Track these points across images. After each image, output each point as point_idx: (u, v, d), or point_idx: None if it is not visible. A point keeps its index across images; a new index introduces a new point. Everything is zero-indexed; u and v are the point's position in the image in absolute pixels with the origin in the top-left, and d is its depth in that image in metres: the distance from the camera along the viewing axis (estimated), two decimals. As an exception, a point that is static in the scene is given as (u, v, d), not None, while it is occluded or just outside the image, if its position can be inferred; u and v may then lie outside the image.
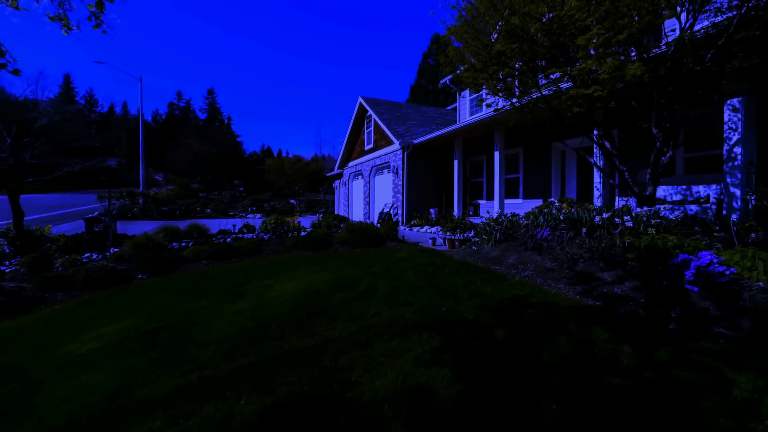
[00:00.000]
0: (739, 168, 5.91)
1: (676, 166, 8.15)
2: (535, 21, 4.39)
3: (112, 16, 2.23)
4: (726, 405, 2.13)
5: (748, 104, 5.94)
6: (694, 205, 7.30)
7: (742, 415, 2.03)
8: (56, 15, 2.58)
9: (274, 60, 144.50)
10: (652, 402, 2.24)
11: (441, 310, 3.96)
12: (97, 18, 2.38)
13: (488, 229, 6.67)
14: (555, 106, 5.21)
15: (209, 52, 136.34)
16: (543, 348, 2.97)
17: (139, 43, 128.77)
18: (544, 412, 2.24)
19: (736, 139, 5.89)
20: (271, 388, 2.77)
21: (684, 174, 8.12)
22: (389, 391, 2.57)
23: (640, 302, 3.68)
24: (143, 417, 2.59)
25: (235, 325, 4.13)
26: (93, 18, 2.38)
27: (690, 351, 2.74)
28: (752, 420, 1.99)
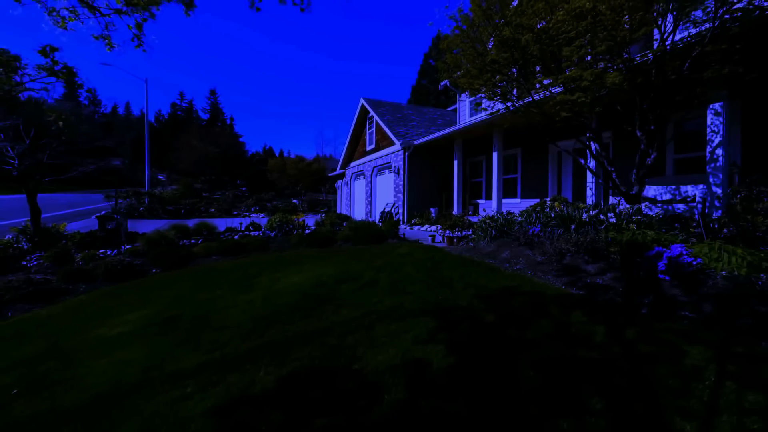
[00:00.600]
0: (720, 169, 6.26)
1: (666, 166, 8.49)
2: (527, 31, 4.76)
3: (151, 37, 2.60)
4: (677, 371, 2.50)
5: (730, 108, 6.30)
6: (681, 204, 7.64)
7: (688, 378, 2.40)
8: (101, 35, 2.97)
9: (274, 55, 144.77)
10: (615, 369, 2.61)
11: (437, 298, 4.33)
12: (139, 39, 2.76)
13: (484, 226, 7.04)
14: (546, 110, 5.59)
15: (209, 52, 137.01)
16: (527, 328, 3.34)
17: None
18: (523, 377, 2.61)
19: (718, 141, 6.23)
20: (286, 362, 3.15)
21: (674, 174, 8.46)
22: (390, 364, 2.95)
23: (618, 291, 4.05)
24: (176, 385, 2.97)
25: (249, 312, 4.51)
26: (135, 39, 2.76)
27: (655, 330, 3.11)
28: (696, 381, 2.36)
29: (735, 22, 4.08)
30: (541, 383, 2.53)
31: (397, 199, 15.73)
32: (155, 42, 17.68)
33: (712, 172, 6.39)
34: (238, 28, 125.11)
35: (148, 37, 2.75)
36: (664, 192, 8.43)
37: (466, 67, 5.66)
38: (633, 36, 4.20)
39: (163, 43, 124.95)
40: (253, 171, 52.90)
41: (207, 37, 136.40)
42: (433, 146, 14.93)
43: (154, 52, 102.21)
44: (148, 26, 10.93)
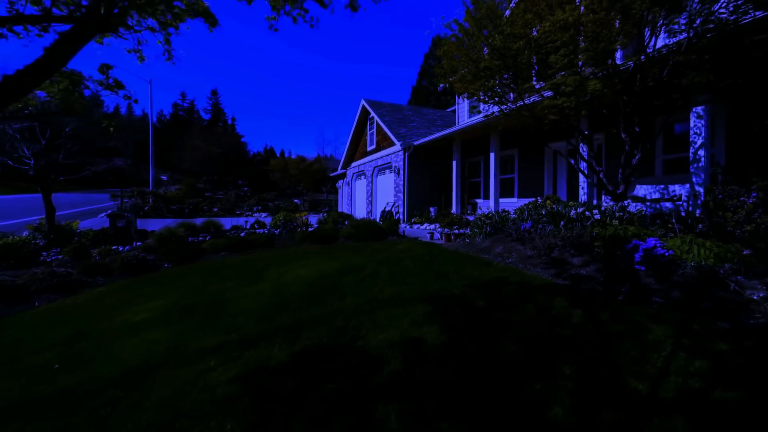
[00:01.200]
0: (702, 169, 6.61)
1: (656, 167, 8.86)
2: (518, 40, 5.13)
3: (179, 51, 2.96)
4: (639, 344, 2.87)
5: (713, 111, 6.65)
6: (669, 203, 8.00)
7: (647, 350, 2.78)
8: (133, 48, 3.35)
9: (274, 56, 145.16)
10: (586, 343, 2.99)
11: (434, 288, 4.71)
12: (169, 54, 3.13)
13: (480, 223, 7.41)
14: (536, 113, 5.96)
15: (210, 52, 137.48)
16: (513, 312, 3.72)
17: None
18: (505, 350, 2.99)
19: (700, 143, 6.59)
20: (297, 341, 3.53)
21: (662, 174, 8.82)
22: (390, 341, 3.33)
23: (600, 281, 4.42)
24: (199, 360, 3.36)
25: (260, 301, 4.90)
26: (166, 53, 3.13)
27: (626, 312, 3.48)
28: (653, 352, 2.74)
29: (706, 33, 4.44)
30: (520, 355, 2.91)
31: (398, 198, 16.10)
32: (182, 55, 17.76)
33: (694, 172, 6.75)
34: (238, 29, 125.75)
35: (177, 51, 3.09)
36: (654, 191, 8.80)
37: (461, 73, 6.03)
38: (611, 47, 4.57)
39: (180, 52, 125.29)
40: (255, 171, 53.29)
41: (207, 37, 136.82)
42: (433, 147, 15.29)
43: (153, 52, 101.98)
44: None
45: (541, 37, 4.82)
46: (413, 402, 2.45)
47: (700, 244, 4.12)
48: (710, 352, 2.66)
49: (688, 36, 4.72)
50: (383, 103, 19.56)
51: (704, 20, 4.54)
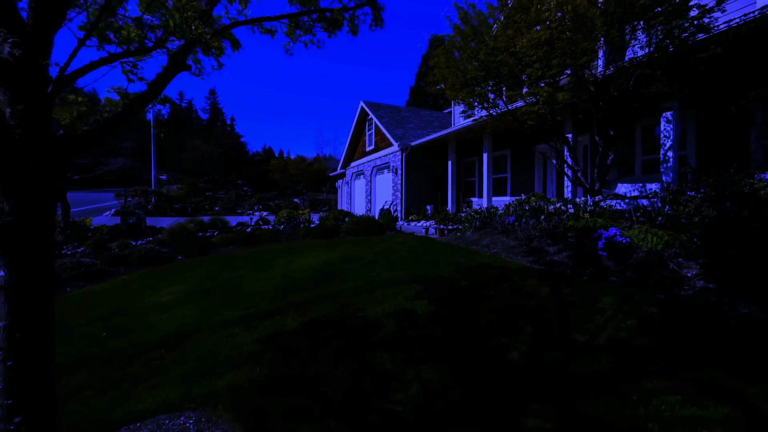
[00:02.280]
0: (671, 168, 7.27)
1: (636, 167, 9.53)
2: (500, 53, 5.77)
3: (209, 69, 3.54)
4: (589, 310, 3.51)
5: (681, 116, 7.31)
6: (644, 200, 8.66)
7: (594, 314, 3.42)
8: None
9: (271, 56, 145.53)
10: (547, 311, 3.63)
11: (425, 272, 5.34)
12: (200, 71, 3.74)
13: (470, 218, 8.06)
14: (518, 117, 6.59)
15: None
16: (491, 289, 4.36)
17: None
18: (480, 316, 3.63)
19: (669, 145, 7.24)
20: (306, 313, 4.16)
21: (642, 174, 9.49)
22: (385, 312, 3.96)
23: (569, 265, 5.06)
24: (225, 328, 3.99)
25: (271, 284, 5.53)
26: (197, 70, 3.74)
27: (585, 288, 4.13)
28: (598, 315, 3.38)
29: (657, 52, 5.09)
30: (492, 319, 3.55)
31: (395, 197, 16.73)
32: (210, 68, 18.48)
33: (664, 172, 7.41)
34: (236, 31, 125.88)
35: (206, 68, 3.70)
36: (633, 189, 9.46)
37: (451, 81, 6.67)
38: (578, 62, 5.20)
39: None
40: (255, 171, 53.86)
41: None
42: (429, 147, 15.91)
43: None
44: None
45: (520, 51, 5.46)
46: (403, 351, 3.08)
47: (653, 233, 4.77)
48: (642, 314, 3.30)
49: (650, 52, 5.36)
50: (381, 104, 20.18)
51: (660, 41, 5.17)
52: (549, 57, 5.03)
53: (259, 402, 2.60)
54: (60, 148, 1.69)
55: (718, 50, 4.55)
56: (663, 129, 7.33)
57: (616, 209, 6.74)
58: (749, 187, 4.68)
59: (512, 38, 5.53)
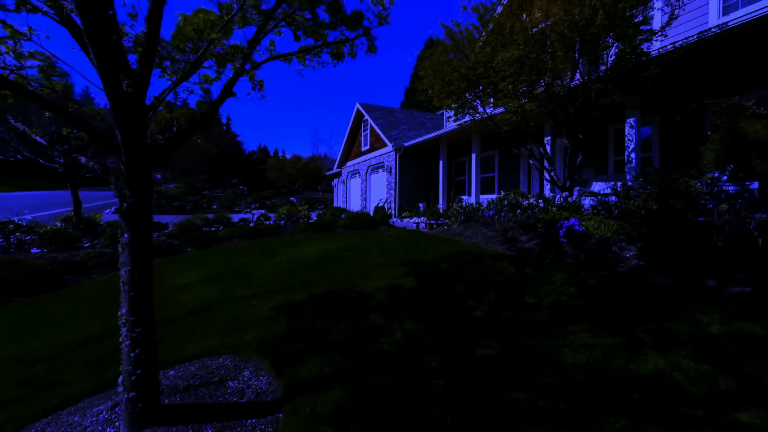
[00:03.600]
0: (634, 168, 8.14)
1: (609, 167, 10.43)
2: (479, 67, 6.59)
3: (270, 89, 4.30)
4: (542, 283, 4.33)
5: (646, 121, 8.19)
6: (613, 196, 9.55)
7: (545, 285, 4.24)
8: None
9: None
10: (510, 284, 4.45)
11: (412, 258, 6.15)
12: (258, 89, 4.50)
13: (456, 213, 8.88)
14: (496, 123, 7.41)
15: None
16: (466, 269, 5.17)
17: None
18: (455, 289, 4.44)
19: (632, 147, 8.11)
20: (311, 289, 4.95)
21: (613, 173, 10.38)
22: (378, 287, 4.76)
23: (536, 251, 5.89)
24: (243, 301, 4.76)
25: (278, 269, 6.30)
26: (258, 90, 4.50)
27: (544, 268, 4.95)
28: (549, 286, 4.20)
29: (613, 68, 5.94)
30: (464, 290, 4.36)
31: (390, 195, 17.52)
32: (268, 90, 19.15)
33: (628, 171, 8.28)
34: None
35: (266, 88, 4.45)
36: (606, 187, 10.33)
37: (438, 90, 7.47)
38: (543, 77, 6.02)
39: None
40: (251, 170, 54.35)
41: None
42: (422, 148, 16.72)
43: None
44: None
45: (496, 66, 6.27)
46: (391, 313, 3.89)
47: (606, 223, 5.62)
48: (582, 284, 4.14)
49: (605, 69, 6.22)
50: (376, 106, 20.96)
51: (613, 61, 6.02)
52: (519, 73, 5.84)
53: (279, 346, 3.39)
54: (152, 154, 2.47)
55: (656, 70, 5.40)
56: (627, 133, 8.20)
57: (583, 204, 7.60)
58: (684, 184, 5.54)
59: (490, 55, 6.35)
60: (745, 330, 2.84)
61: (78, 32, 2.10)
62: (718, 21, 7.35)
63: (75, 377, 3.19)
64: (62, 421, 2.51)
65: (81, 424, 2.42)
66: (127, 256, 2.25)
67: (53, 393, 2.94)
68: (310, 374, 2.85)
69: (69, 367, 3.42)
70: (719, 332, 2.86)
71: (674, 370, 2.49)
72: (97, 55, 1.99)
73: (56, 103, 2.32)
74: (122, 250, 2.31)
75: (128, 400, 2.22)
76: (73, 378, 3.18)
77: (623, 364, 2.60)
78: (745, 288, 3.57)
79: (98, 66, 2.05)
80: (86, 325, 4.58)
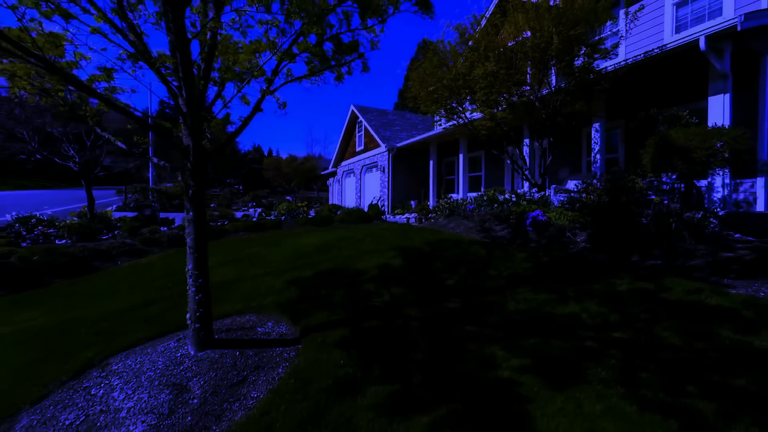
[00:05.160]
0: (599, 168, 9.18)
1: (582, 167, 11.45)
2: (459, 79, 7.56)
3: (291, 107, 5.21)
4: (506, 260, 5.31)
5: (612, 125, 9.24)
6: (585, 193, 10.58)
7: (508, 261, 5.22)
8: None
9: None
10: (480, 262, 5.42)
11: (401, 244, 7.10)
12: (282, 107, 5.39)
13: (441, 208, 9.86)
14: (475, 127, 8.40)
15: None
16: (446, 252, 6.14)
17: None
18: (434, 266, 5.41)
19: (597, 149, 9.14)
20: (314, 269, 5.87)
21: (586, 172, 11.40)
22: (371, 266, 5.70)
23: (507, 238, 6.88)
24: (258, 278, 5.67)
25: (284, 255, 7.21)
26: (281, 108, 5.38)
27: (509, 250, 5.93)
28: (510, 262, 5.18)
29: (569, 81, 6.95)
30: (442, 267, 5.33)
31: (383, 193, 18.46)
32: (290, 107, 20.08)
33: (594, 170, 9.32)
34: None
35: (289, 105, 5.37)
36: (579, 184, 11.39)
37: (424, 97, 8.44)
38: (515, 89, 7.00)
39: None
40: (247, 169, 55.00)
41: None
42: (414, 148, 17.67)
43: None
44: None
45: (473, 79, 7.24)
46: (381, 283, 4.84)
47: (565, 214, 6.62)
48: (537, 262, 5.12)
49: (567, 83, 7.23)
50: (370, 108, 21.88)
51: (570, 77, 7.03)
52: (492, 84, 6.81)
53: (293, 306, 4.32)
54: (206, 156, 3.39)
55: (606, 85, 6.41)
56: (593, 137, 9.22)
57: (553, 201, 8.61)
58: (631, 182, 6.55)
59: (469, 68, 7.32)
60: (642, 287, 3.83)
61: (173, 92, 3.01)
62: (671, 38, 8.42)
63: (136, 329, 4.09)
64: (140, 352, 3.42)
65: (156, 352, 3.33)
66: (192, 228, 3.17)
67: (123, 338, 3.84)
68: (318, 322, 3.79)
69: (128, 323, 4.32)
70: (624, 289, 3.85)
71: (583, 312, 3.47)
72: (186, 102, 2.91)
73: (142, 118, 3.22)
74: (188, 224, 3.23)
75: (194, 330, 3.15)
76: (135, 329, 4.08)
77: (549, 310, 3.58)
78: (657, 261, 4.59)
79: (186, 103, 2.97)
80: (128, 298, 5.47)
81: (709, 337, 2.84)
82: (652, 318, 3.21)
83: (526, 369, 2.67)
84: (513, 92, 6.97)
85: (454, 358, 2.93)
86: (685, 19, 8.49)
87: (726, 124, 6.15)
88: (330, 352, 3.15)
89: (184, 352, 3.22)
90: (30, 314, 4.90)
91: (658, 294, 3.65)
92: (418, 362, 2.92)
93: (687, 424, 2.03)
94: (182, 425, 2.39)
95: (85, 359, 3.38)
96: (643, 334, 2.99)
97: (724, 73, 6.24)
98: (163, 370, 2.96)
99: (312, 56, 4.26)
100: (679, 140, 5.50)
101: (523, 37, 6.39)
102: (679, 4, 8.54)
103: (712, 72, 6.40)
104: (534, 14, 6.18)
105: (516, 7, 6.66)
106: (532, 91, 7.35)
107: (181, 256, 8.64)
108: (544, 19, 6.15)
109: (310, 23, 3.21)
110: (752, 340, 2.73)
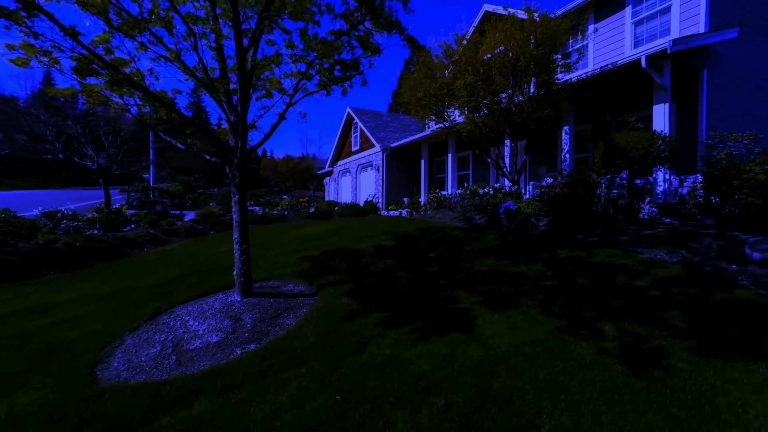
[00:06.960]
0: (569, 166, 10.41)
1: (558, 164, 12.65)
2: (444, 87, 8.74)
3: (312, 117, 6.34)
4: (479, 241, 6.48)
5: (581, 129, 10.48)
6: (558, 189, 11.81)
7: (480, 241, 6.41)
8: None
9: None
10: (458, 242, 6.59)
11: (393, 231, 8.25)
12: (303, 117, 6.48)
13: (430, 201, 11.04)
14: (458, 130, 9.60)
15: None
16: (431, 236, 7.31)
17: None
18: (420, 245, 6.57)
19: (567, 149, 10.38)
20: (320, 249, 7.01)
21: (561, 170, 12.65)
22: (368, 246, 6.85)
23: (484, 224, 8.07)
24: (275, 257, 6.79)
25: (293, 241, 8.33)
26: (302, 118, 6.48)
27: (484, 233, 7.11)
28: (481, 241, 6.35)
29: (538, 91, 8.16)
30: (426, 245, 6.49)
31: (378, 191, 19.60)
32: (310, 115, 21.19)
33: (564, 168, 10.56)
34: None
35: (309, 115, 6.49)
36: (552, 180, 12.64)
37: (413, 102, 9.61)
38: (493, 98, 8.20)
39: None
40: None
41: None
42: (406, 148, 18.83)
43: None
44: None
45: (455, 88, 8.42)
46: (378, 257, 5.99)
47: (533, 204, 7.82)
48: (504, 241, 6.30)
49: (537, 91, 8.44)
50: (365, 110, 23.01)
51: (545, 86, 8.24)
52: (472, 93, 8.00)
53: (307, 273, 5.45)
54: (247, 153, 4.50)
55: (565, 95, 7.62)
56: (563, 138, 10.47)
57: (525, 194, 9.82)
58: (588, 177, 7.77)
59: (452, 79, 8.51)
60: (576, 255, 5.03)
61: (223, 108, 4.13)
62: (630, 53, 9.68)
63: (184, 290, 5.19)
64: (195, 302, 4.52)
65: (208, 302, 4.44)
66: (238, 208, 4.30)
67: (177, 296, 4.94)
68: (329, 282, 4.93)
69: (176, 288, 5.41)
70: (563, 257, 5.04)
71: (529, 270, 4.65)
72: (240, 117, 4.03)
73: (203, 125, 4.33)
74: (234, 205, 4.35)
75: (239, 282, 4.28)
76: (183, 291, 5.18)
77: (504, 270, 4.76)
78: (595, 238, 5.80)
79: (233, 118, 4.09)
80: (166, 272, 6.55)
81: (609, 281, 4.04)
82: (575, 272, 4.40)
83: (479, 303, 3.83)
84: (492, 100, 8.15)
85: (430, 297, 4.09)
86: (642, 36, 9.76)
87: (666, 130, 7.38)
88: (340, 298, 4.29)
89: (232, 299, 4.34)
90: (91, 285, 5.98)
91: (586, 259, 4.85)
92: (404, 301, 4.07)
93: (572, 322, 3.21)
94: (243, 338, 3.51)
95: (155, 308, 4.48)
96: (565, 281, 4.18)
97: (665, 86, 7.47)
98: (219, 309, 4.08)
99: (324, 76, 5.40)
100: (620, 142, 6.72)
101: (495, 53, 7.60)
102: (637, 22, 9.80)
103: (655, 85, 7.62)
104: (504, 36, 7.39)
105: (491, 29, 7.86)
106: (509, 98, 8.55)
107: (199, 244, 9.72)
108: (513, 40, 7.36)
109: (326, 56, 4.35)
110: (636, 282, 3.93)
